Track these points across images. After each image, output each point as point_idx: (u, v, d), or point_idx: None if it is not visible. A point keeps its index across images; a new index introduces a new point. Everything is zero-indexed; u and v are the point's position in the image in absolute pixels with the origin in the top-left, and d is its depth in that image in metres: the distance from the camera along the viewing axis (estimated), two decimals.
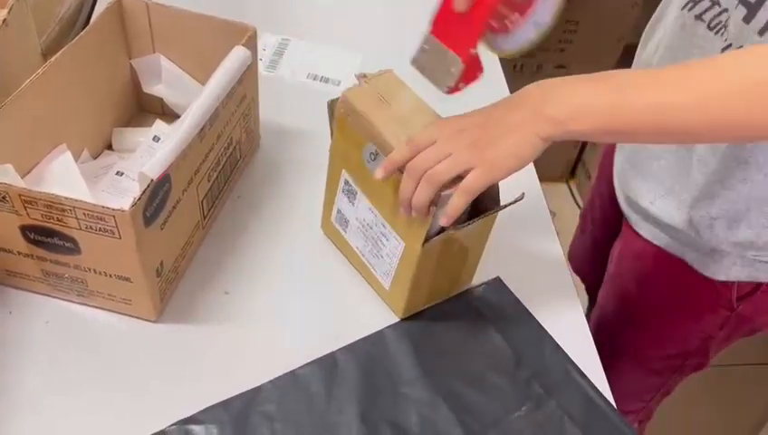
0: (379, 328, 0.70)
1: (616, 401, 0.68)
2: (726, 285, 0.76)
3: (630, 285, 0.86)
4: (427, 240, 0.62)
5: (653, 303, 0.85)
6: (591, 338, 0.72)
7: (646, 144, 0.76)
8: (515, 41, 0.60)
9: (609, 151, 0.91)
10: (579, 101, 0.55)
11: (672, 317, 0.83)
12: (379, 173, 0.60)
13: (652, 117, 0.54)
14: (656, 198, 0.77)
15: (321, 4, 1.10)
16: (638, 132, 0.57)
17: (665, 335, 0.86)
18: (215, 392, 0.64)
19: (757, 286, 0.76)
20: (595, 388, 0.68)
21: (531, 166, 0.78)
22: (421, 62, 0.62)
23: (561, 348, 0.70)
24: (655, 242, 0.80)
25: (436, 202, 0.59)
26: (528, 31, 0.60)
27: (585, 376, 0.68)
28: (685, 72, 0.56)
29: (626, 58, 0.92)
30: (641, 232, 0.81)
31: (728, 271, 0.75)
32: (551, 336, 0.71)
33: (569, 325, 0.73)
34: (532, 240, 0.80)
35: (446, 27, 0.59)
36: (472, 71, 0.60)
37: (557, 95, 0.56)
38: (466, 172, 0.57)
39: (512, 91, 0.71)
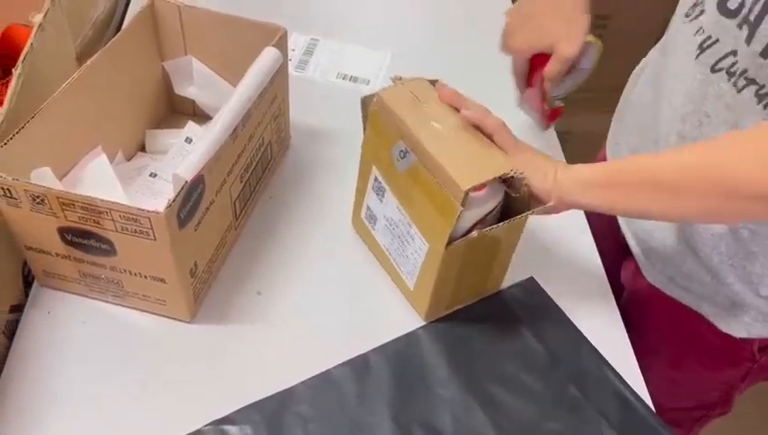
0: (411, 329, 0.70)
1: None
2: (747, 339, 0.70)
3: (641, 333, 0.77)
4: (450, 242, 0.61)
5: (667, 354, 0.78)
6: (628, 340, 0.71)
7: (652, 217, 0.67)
8: (565, 87, 0.80)
9: None
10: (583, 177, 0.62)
11: (689, 369, 0.77)
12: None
13: (646, 175, 0.57)
14: (667, 237, 0.70)
15: (350, 4, 1.10)
16: (636, 195, 0.58)
17: (682, 387, 0.79)
18: (248, 393, 0.64)
19: None
20: (633, 391, 0.66)
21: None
22: (524, 110, 0.86)
23: (597, 350, 0.69)
24: (666, 292, 0.74)
25: (464, 203, 0.59)
26: (575, 76, 0.78)
27: (622, 378, 0.67)
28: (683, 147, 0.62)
29: None
30: (652, 281, 0.75)
31: (750, 328, 0.69)
32: (586, 338, 0.70)
33: (604, 326, 0.72)
34: (567, 241, 0.79)
35: (529, 93, 0.82)
36: (553, 114, 0.83)
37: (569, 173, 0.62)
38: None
39: None
